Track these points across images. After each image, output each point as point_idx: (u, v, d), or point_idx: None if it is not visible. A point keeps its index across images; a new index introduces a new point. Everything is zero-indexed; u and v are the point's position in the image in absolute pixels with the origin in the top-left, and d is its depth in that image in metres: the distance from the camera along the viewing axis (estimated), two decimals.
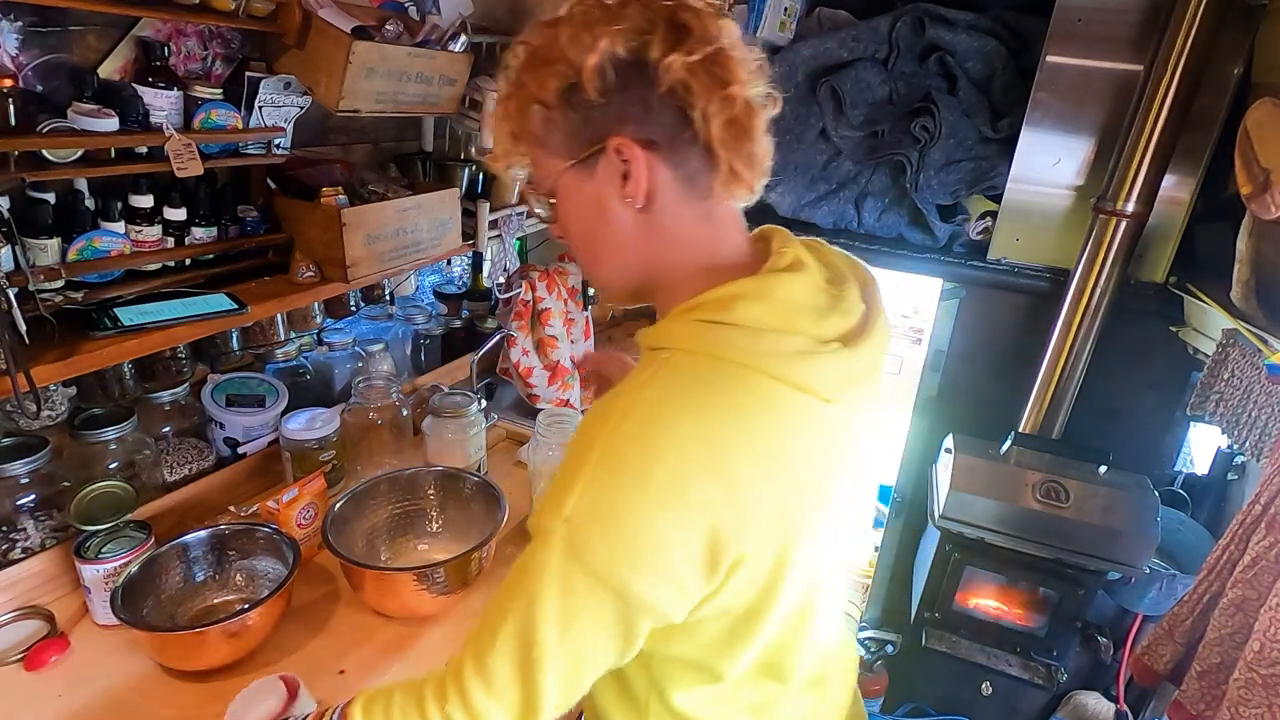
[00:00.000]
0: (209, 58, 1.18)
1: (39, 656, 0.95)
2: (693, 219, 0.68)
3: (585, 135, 0.66)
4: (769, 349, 0.61)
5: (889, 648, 2.13)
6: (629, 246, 0.70)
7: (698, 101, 0.62)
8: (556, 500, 0.59)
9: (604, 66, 0.62)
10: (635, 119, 0.64)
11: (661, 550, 0.58)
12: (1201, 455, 1.88)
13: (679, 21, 0.62)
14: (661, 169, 0.65)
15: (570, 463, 0.61)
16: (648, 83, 0.62)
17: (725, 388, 0.61)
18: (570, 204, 0.71)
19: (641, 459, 0.58)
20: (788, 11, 1.80)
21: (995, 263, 1.78)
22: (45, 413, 1.09)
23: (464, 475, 1.26)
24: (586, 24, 0.62)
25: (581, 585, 0.59)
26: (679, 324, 0.65)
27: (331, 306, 1.52)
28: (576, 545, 0.58)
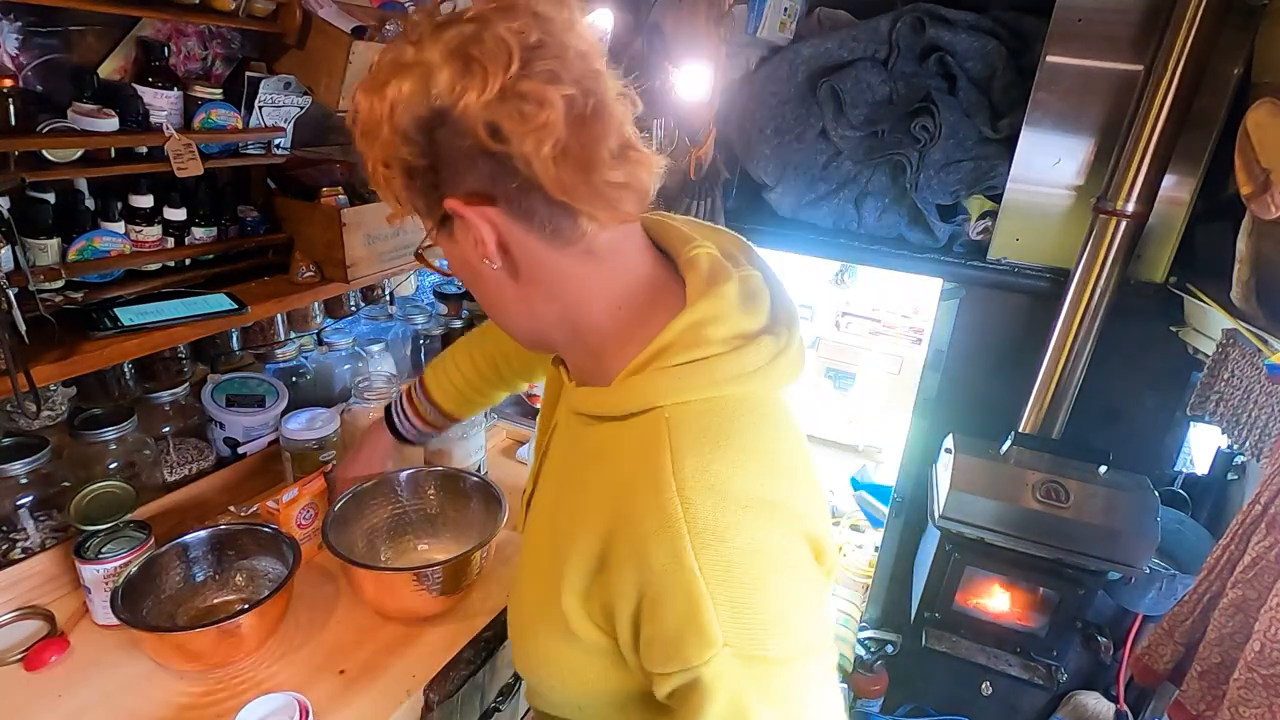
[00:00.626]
0: (209, 58, 1.18)
1: (39, 656, 0.95)
2: (571, 264, 0.60)
3: (429, 199, 0.59)
4: (750, 365, 0.59)
5: (889, 648, 2.13)
6: (511, 304, 0.64)
7: (512, 144, 0.53)
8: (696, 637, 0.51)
9: (405, 130, 0.55)
10: (460, 176, 0.57)
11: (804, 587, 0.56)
12: (1201, 455, 1.88)
13: (465, 55, 0.53)
14: (508, 224, 0.58)
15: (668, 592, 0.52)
16: (456, 134, 0.54)
17: (745, 417, 0.58)
18: (451, 262, 0.66)
19: (738, 525, 0.53)
20: (788, 11, 1.80)
21: (995, 263, 1.78)
22: (45, 413, 1.09)
23: (464, 475, 1.26)
24: (382, 81, 0.56)
25: (783, 682, 0.53)
26: (655, 378, 0.58)
27: (331, 306, 1.52)
28: (754, 654, 0.51)
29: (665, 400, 0.57)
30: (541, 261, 0.60)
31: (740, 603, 0.51)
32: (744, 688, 0.51)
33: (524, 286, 0.62)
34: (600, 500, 0.58)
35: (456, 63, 0.53)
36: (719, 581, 0.51)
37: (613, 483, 0.58)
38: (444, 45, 0.54)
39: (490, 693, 1.19)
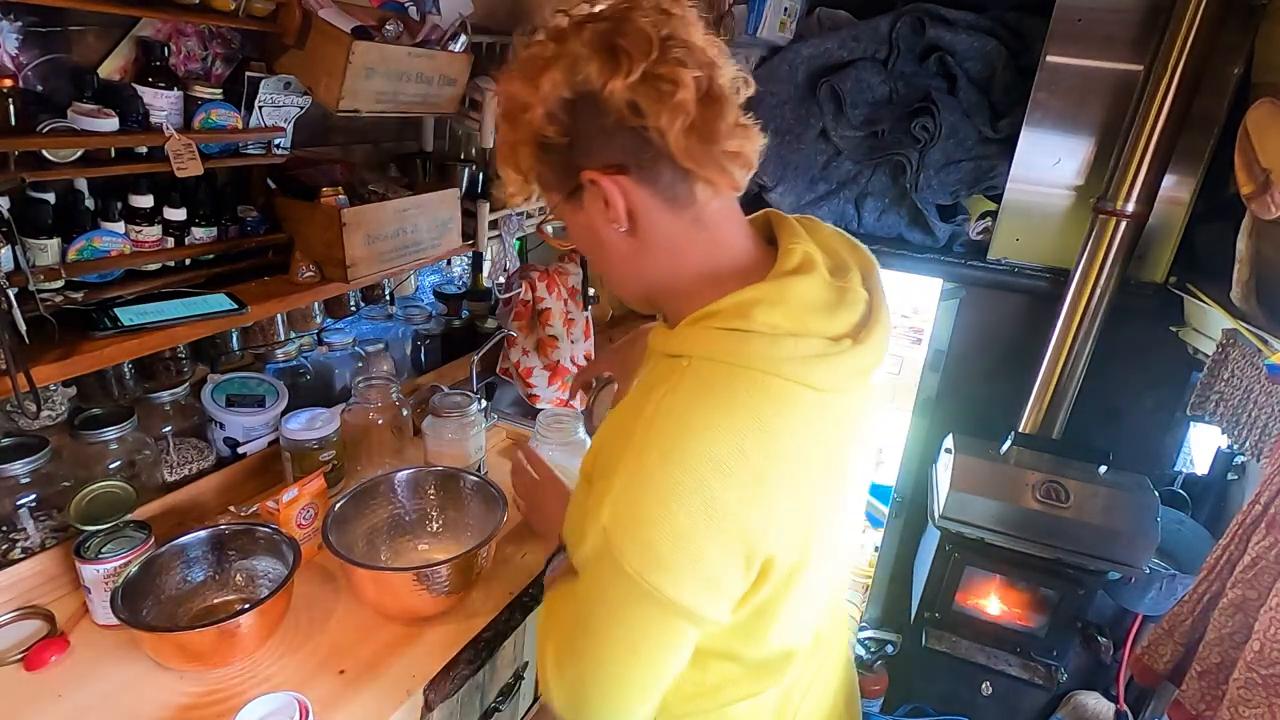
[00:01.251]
0: (209, 58, 1.18)
1: (39, 656, 0.95)
2: (682, 228, 0.70)
3: (565, 172, 0.69)
4: (788, 354, 0.63)
5: (889, 648, 2.13)
6: (628, 264, 0.73)
7: (649, 119, 0.63)
8: (596, 509, 0.63)
9: (553, 111, 0.65)
10: (598, 149, 0.67)
11: (696, 558, 0.61)
12: (1201, 455, 1.88)
13: (613, 44, 0.62)
14: (637, 190, 0.67)
15: (603, 472, 0.64)
16: (600, 112, 0.64)
17: (748, 396, 0.62)
18: (574, 232, 0.75)
19: (669, 471, 0.60)
20: (788, 11, 1.80)
21: (995, 263, 1.78)
22: (45, 413, 1.09)
23: (464, 475, 1.26)
24: (532, 71, 0.65)
25: (621, 592, 0.63)
26: (698, 331, 0.66)
27: (331, 306, 1.52)
28: (614, 552, 0.62)
29: (694, 352, 0.65)
30: (658, 224, 0.69)
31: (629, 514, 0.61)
32: (589, 564, 0.65)
33: (640, 246, 0.71)
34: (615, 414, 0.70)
35: (604, 52, 0.62)
36: (627, 493, 0.62)
37: (633, 398, 0.68)
38: (588, 37, 0.63)
39: (490, 693, 1.19)
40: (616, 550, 0.62)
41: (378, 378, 1.43)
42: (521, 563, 1.23)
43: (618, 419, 0.67)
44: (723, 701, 0.78)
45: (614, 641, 0.66)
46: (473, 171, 1.65)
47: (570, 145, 0.67)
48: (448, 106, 1.43)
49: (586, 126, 0.66)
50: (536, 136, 0.68)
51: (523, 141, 0.69)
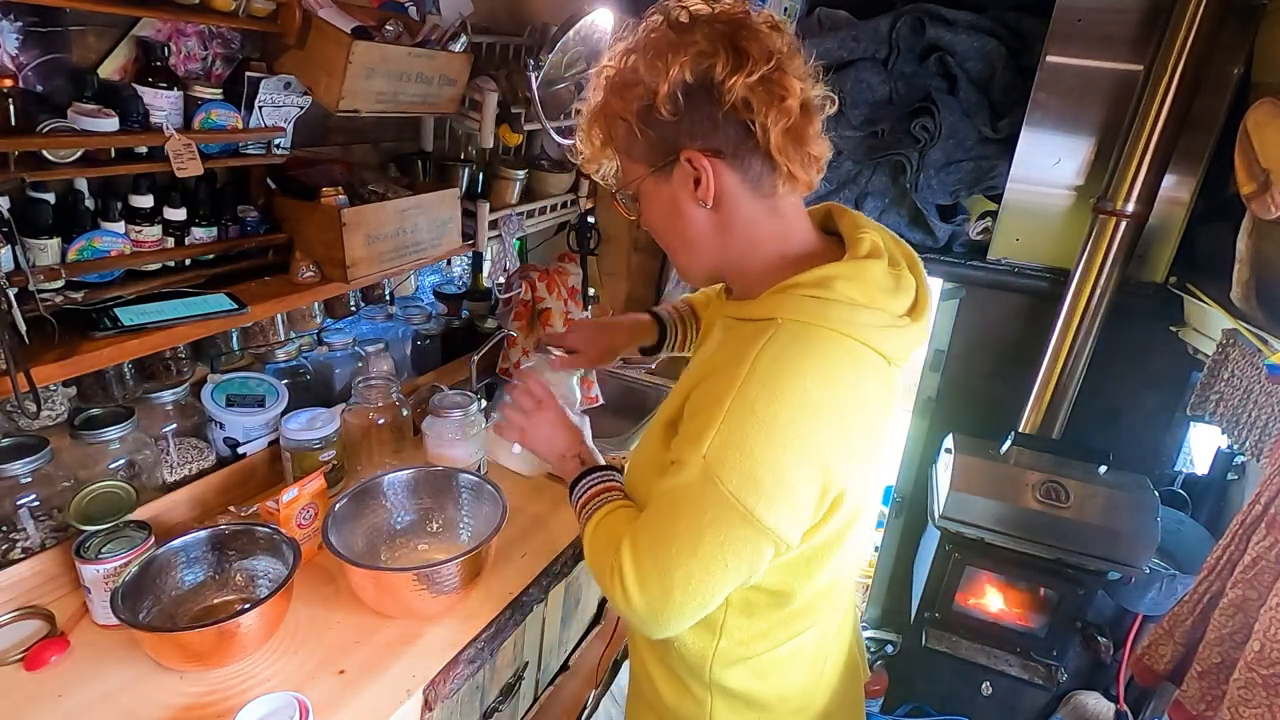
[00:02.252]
0: (209, 58, 1.18)
1: (39, 656, 0.95)
2: (759, 214, 0.79)
3: (662, 148, 0.77)
4: (864, 321, 0.74)
5: (889, 648, 2.14)
6: (704, 239, 0.81)
7: (758, 115, 0.72)
8: (694, 442, 0.72)
9: (674, 92, 0.72)
10: (704, 133, 0.74)
11: (789, 486, 0.71)
12: (1201, 455, 1.88)
13: (739, 46, 0.71)
14: (728, 174, 0.76)
15: (704, 412, 0.72)
16: (714, 101, 0.72)
17: (833, 350, 0.73)
18: (652, 203, 0.83)
19: (769, 406, 0.69)
20: (788, 11, 1.80)
21: (995, 263, 1.78)
22: (45, 413, 1.09)
23: (464, 475, 1.25)
24: (659, 52, 0.73)
25: (715, 512, 0.72)
26: (784, 298, 0.76)
27: (331, 306, 1.52)
28: (713, 476, 0.71)
29: (784, 314, 0.75)
30: (739, 206, 0.78)
31: (731, 444, 0.70)
32: (691, 487, 0.72)
33: (720, 224, 0.80)
34: (711, 364, 0.78)
35: (732, 51, 0.71)
36: (731, 422, 0.70)
37: (727, 352, 0.77)
38: (714, 34, 0.72)
39: (490, 693, 1.19)
40: (717, 477, 0.70)
41: (378, 378, 1.43)
42: (521, 563, 1.23)
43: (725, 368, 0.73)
44: (770, 645, 0.88)
45: (706, 557, 0.73)
46: (473, 171, 1.65)
47: (678, 124, 0.74)
48: (448, 106, 1.43)
49: (698, 110, 0.73)
50: (646, 111, 0.75)
51: (628, 114, 0.76)
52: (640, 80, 0.74)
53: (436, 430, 1.38)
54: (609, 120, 0.79)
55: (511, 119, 1.60)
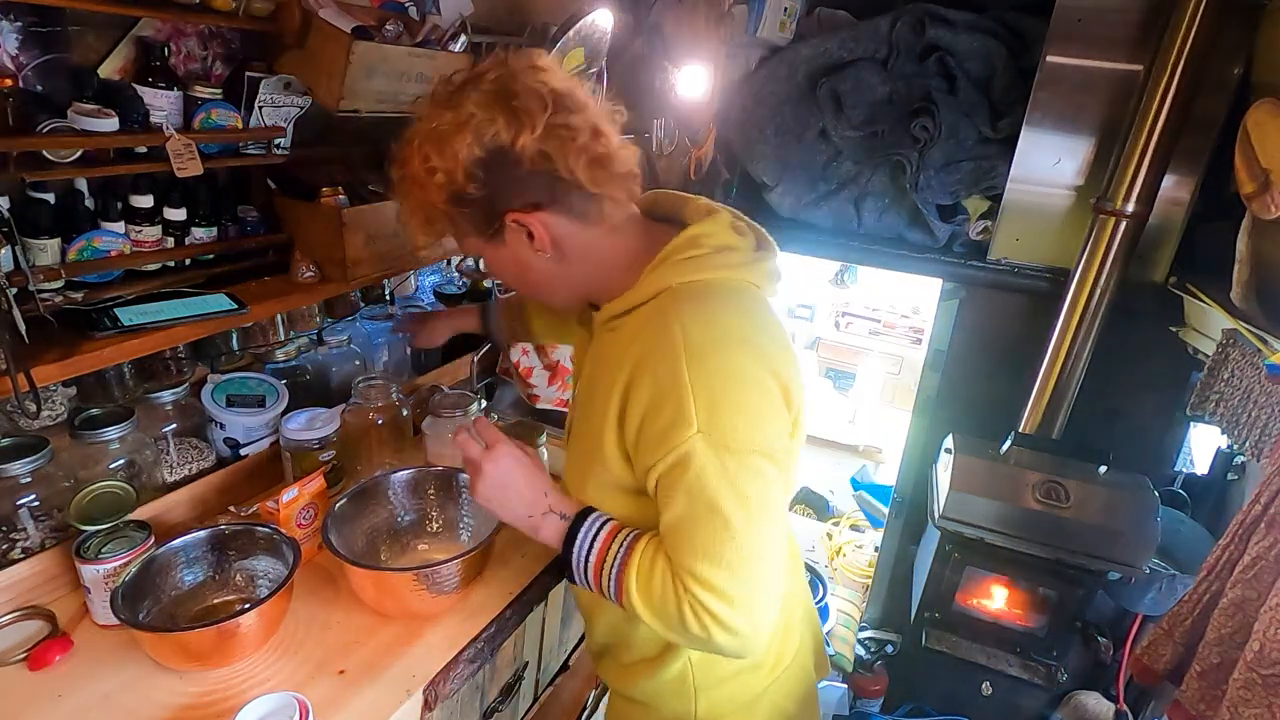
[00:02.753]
0: (209, 58, 1.18)
1: (43, 656, 0.95)
2: (598, 239, 0.83)
3: (484, 217, 0.80)
4: (735, 261, 0.82)
5: (889, 648, 2.14)
6: (557, 279, 0.86)
7: (558, 161, 0.76)
8: (680, 424, 0.73)
9: (471, 170, 0.75)
10: (516, 193, 0.78)
11: (766, 406, 0.76)
12: (1201, 455, 1.88)
13: (512, 105, 0.74)
14: (555, 220, 0.80)
15: (670, 397, 0.74)
16: (512, 163, 0.75)
17: (726, 287, 0.80)
18: (499, 265, 0.87)
19: (718, 350, 0.74)
20: (788, 11, 1.80)
21: (995, 263, 1.78)
22: (45, 413, 1.09)
23: (464, 475, 1.25)
24: (443, 138, 0.75)
25: (738, 468, 0.73)
26: (664, 270, 0.81)
27: (331, 306, 1.52)
28: (718, 440, 0.73)
29: (672, 281, 0.80)
30: (579, 242, 0.82)
31: (715, 402, 0.73)
32: (708, 466, 0.73)
33: (567, 263, 0.84)
34: (626, 358, 0.79)
35: (506, 113, 0.74)
36: (701, 385, 0.73)
37: (636, 341, 0.79)
38: (484, 101, 0.74)
39: (490, 693, 1.19)
40: (722, 439, 0.73)
41: (378, 378, 1.43)
42: (521, 563, 1.23)
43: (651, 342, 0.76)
44: None
45: (761, 519, 0.74)
46: None
47: (489, 195, 0.77)
48: None
49: (502, 176, 0.76)
50: (453, 195, 0.77)
51: (436, 202, 0.79)
52: (436, 169, 0.76)
53: (436, 430, 1.38)
54: (426, 213, 0.82)
55: None
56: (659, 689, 0.99)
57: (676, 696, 0.98)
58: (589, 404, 0.88)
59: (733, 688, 0.98)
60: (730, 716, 1.00)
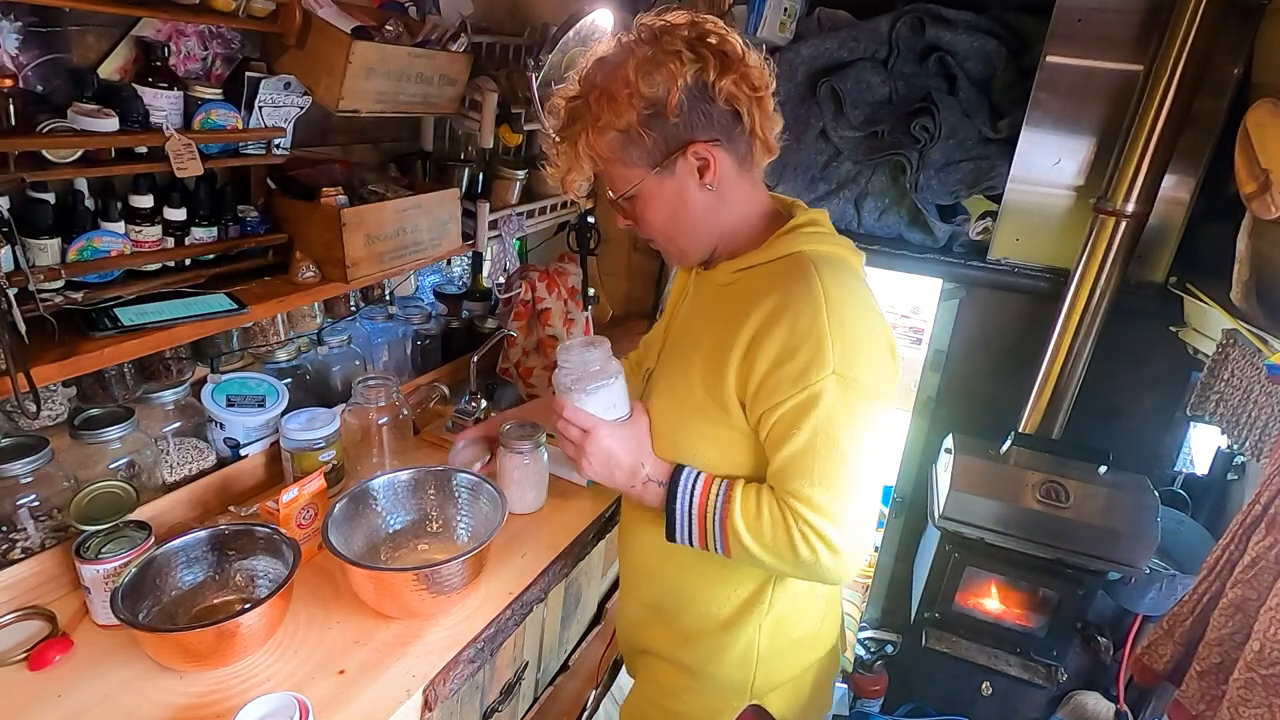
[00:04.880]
0: (209, 58, 1.18)
1: (43, 656, 0.95)
2: (745, 187, 0.94)
3: (664, 146, 0.87)
4: (846, 244, 0.96)
5: (889, 648, 2.14)
6: (706, 220, 0.93)
7: (743, 106, 0.87)
8: (817, 364, 0.83)
9: (679, 96, 0.84)
10: (703, 126, 0.87)
11: (884, 351, 0.88)
12: (1201, 455, 1.88)
13: (722, 52, 0.85)
14: (724, 157, 0.89)
15: (808, 338, 0.83)
16: (708, 99, 0.86)
17: (848, 260, 0.93)
18: (655, 200, 0.92)
19: (853, 306, 0.85)
20: (788, 11, 1.80)
21: (995, 263, 1.78)
22: (45, 413, 1.09)
23: (463, 475, 1.25)
24: (658, 64, 0.83)
25: (861, 408, 0.84)
26: (794, 237, 0.91)
27: (331, 306, 1.53)
28: (849, 382, 0.83)
29: (805, 247, 0.90)
30: (734, 183, 0.92)
31: (849, 347, 0.83)
32: (838, 404, 0.83)
33: (719, 202, 0.92)
34: (757, 308, 0.87)
35: (712, 54, 0.85)
36: (838, 334, 0.83)
37: (770, 293, 0.87)
38: (691, 42, 0.84)
39: (490, 693, 1.19)
40: (854, 379, 0.83)
41: (378, 378, 1.43)
42: (521, 563, 1.23)
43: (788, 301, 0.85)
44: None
45: (873, 457, 0.85)
46: (473, 171, 1.65)
47: (682, 124, 0.86)
48: (448, 106, 1.43)
49: (699, 109, 0.86)
50: (650, 119, 0.85)
51: (628, 123, 0.85)
52: (637, 90, 0.84)
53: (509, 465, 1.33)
54: (599, 135, 0.88)
55: (511, 119, 1.60)
56: (721, 655, 1.03)
57: (738, 665, 1.03)
58: (698, 351, 0.95)
59: (789, 659, 1.06)
60: (780, 688, 1.06)
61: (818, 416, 0.83)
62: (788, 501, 0.86)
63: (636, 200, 0.93)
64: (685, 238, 0.96)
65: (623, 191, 0.92)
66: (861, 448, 0.85)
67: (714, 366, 0.91)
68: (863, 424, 0.85)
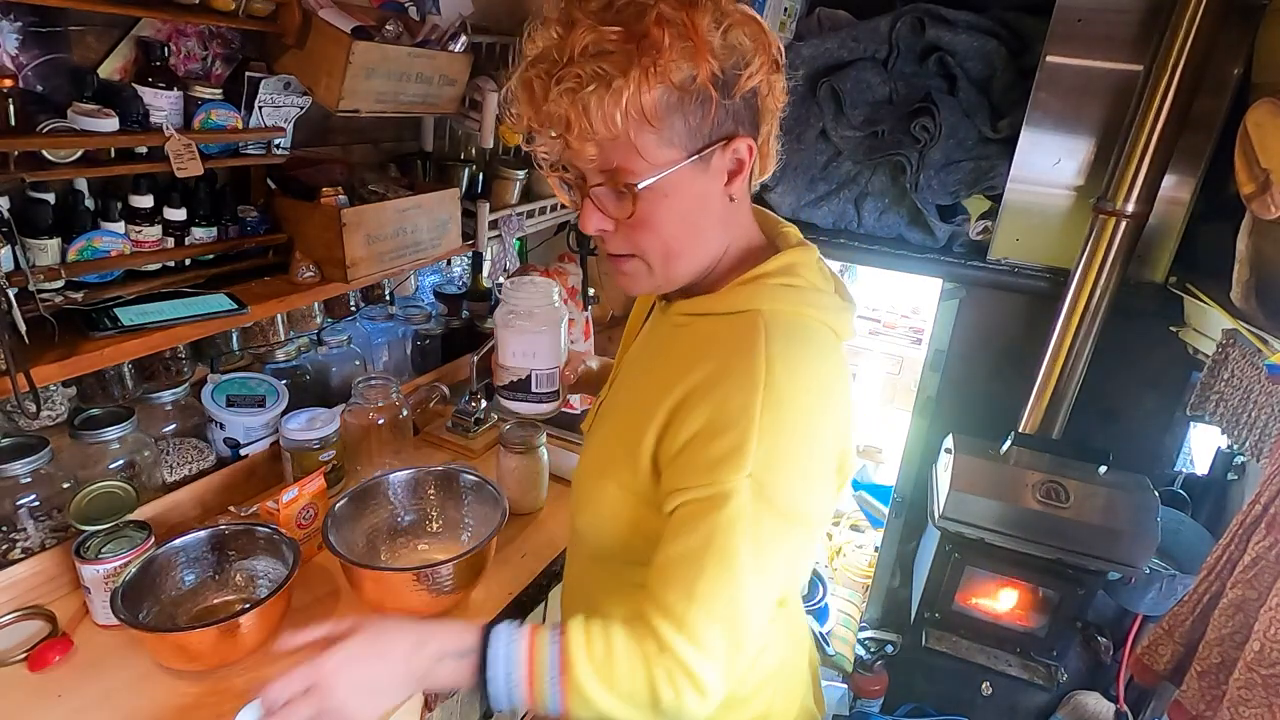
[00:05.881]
0: (209, 58, 1.18)
1: (43, 656, 0.95)
2: (747, 205, 0.80)
3: (711, 129, 0.69)
4: (824, 304, 0.76)
5: (889, 648, 2.13)
6: (714, 235, 0.76)
7: (772, 99, 0.73)
8: (733, 460, 0.66)
9: (757, 74, 0.69)
10: (749, 120, 0.72)
11: (823, 471, 0.72)
12: (1201, 455, 1.88)
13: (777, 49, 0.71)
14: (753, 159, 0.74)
15: (732, 424, 0.67)
16: (757, 93, 0.71)
17: (818, 334, 0.74)
18: (677, 197, 0.71)
19: (797, 398, 0.68)
20: (788, 11, 1.80)
21: (995, 263, 1.78)
22: (45, 413, 1.09)
23: (464, 475, 1.25)
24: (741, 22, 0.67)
25: (772, 528, 0.67)
26: (757, 288, 0.74)
27: (331, 306, 1.52)
28: (766, 493, 0.67)
29: (762, 305, 0.73)
30: (743, 196, 0.77)
31: (778, 452, 0.67)
32: (743, 513, 0.66)
33: (729, 217, 0.77)
34: (691, 368, 0.71)
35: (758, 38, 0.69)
36: (770, 430, 0.66)
37: (709, 354, 0.72)
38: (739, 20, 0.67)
39: None
40: (772, 491, 0.67)
41: (378, 378, 1.43)
42: (521, 563, 1.23)
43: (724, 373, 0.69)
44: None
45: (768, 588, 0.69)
46: (473, 171, 1.65)
47: (733, 106, 0.69)
48: (448, 106, 1.43)
49: (751, 98, 0.71)
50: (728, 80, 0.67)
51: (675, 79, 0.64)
52: (717, 43, 0.64)
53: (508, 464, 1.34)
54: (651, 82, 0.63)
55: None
56: None
57: None
58: (631, 397, 0.82)
59: None
60: None
61: (718, 522, 0.66)
62: (653, 624, 0.66)
63: (653, 195, 0.69)
64: (687, 256, 0.75)
65: (645, 177, 0.68)
66: (763, 576, 0.67)
67: (636, 421, 0.75)
68: (771, 548, 0.67)
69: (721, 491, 0.66)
